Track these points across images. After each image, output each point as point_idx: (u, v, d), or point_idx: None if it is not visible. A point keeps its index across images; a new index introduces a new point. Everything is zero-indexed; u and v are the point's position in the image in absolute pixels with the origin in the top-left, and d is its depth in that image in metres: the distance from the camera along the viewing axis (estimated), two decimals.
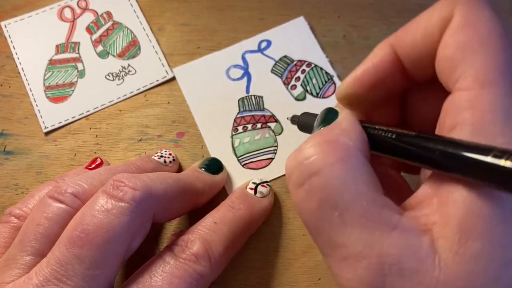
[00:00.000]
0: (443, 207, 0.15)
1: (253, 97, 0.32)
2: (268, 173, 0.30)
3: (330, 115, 0.19)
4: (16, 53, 0.34)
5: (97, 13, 0.36)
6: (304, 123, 0.25)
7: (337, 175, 0.16)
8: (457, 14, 0.17)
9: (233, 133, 0.31)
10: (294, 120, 0.27)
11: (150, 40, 0.35)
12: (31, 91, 0.33)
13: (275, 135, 0.31)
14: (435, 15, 0.17)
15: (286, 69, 0.33)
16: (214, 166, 0.29)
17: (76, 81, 0.33)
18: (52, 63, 0.34)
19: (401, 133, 0.17)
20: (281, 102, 0.32)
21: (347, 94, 0.20)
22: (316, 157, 0.17)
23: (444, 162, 0.15)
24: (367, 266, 0.15)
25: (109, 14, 0.36)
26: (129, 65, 0.34)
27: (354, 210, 0.15)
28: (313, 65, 0.33)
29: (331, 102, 0.32)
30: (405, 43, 0.18)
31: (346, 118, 0.19)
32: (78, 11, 0.36)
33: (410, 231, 0.15)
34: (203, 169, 0.28)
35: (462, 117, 0.15)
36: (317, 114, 0.21)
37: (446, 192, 0.15)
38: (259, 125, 0.31)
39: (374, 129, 0.19)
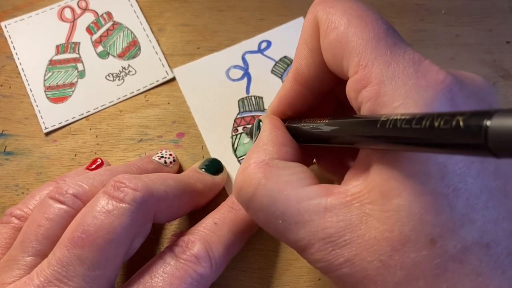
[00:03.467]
0: (366, 176, 0.17)
1: (253, 98, 0.33)
2: None
3: (259, 126, 0.24)
4: (16, 54, 0.34)
5: (97, 13, 0.36)
6: (252, 132, 0.29)
7: (265, 193, 0.19)
8: (319, 20, 0.20)
9: (233, 134, 0.31)
10: (247, 133, 0.31)
11: (150, 40, 0.35)
12: (31, 91, 0.33)
13: None
14: (307, 30, 0.20)
15: (286, 69, 0.33)
16: (214, 166, 0.29)
17: (76, 82, 0.33)
18: (52, 63, 0.34)
19: (319, 123, 0.20)
20: None
21: (273, 114, 0.24)
22: (245, 185, 0.20)
23: (347, 139, 0.18)
24: (318, 249, 0.17)
25: (109, 14, 0.36)
26: (129, 65, 0.34)
27: (290, 213, 0.18)
28: None
29: None
30: (302, 67, 0.21)
31: (265, 130, 0.22)
32: (78, 11, 0.36)
33: (339, 207, 0.17)
34: (203, 169, 0.28)
35: (361, 97, 0.17)
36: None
37: (367, 164, 0.17)
38: None
39: (299, 125, 0.22)
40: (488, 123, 0.10)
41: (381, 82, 0.16)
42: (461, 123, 0.11)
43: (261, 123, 0.23)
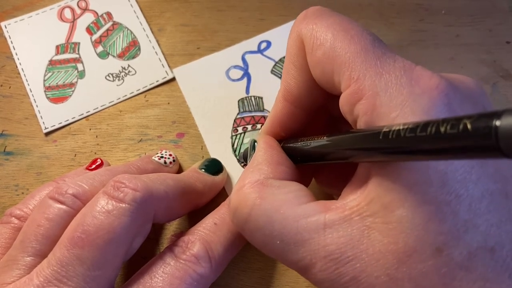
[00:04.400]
0: (364, 189, 0.17)
1: (253, 98, 0.33)
2: None
3: (254, 146, 0.23)
4: (16, 54, 0.34)
5: (97, 13, 0.36)
6: (246, 155, 0.29)
7: (261, 213, 0.18)
8: (304, 38, 0.19)
9: (233, 134, 0.31)
10: (240, 159, 0.31)
11: (150, 40, 0.35)
12: (31, 91, 0.33)
13: None
14: (293, 49, 0.20)
15: None
16: (214, 167, 0.29)
17: (76, 82, 0.33)
18: (52, 63, 0.34)
19: (316, 141, 0.20)
20: None
21: (268, 134, 0.24)
22: (240, 206, 0.19)
23: (347, 154, 0.18)
24: (321, 268, 0.17)
25: (109, 14, 0.36)
26: (129, 65, 0.34)
27: (288, 232, 0.18)
28: None
29: None
30: (291, 87, 0.21)
31: (259, 150, 0.22)
32: (78, 11, 0.36)
33: (339, 222, 0.17)
34: (203, 170, 0.28)
35: (356, 111, 0.17)
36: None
37: (365, 178, 0.17)
38: (259, 126, 0.32)
39: (296, 145, 0.22)
40: (498, 123, 0.10)
41: (376, 94, 0.16)
42: (468, 126, 0.11)
43: (256, 143, 0.23)
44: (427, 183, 0.15)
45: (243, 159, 0.30)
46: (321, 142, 0.20)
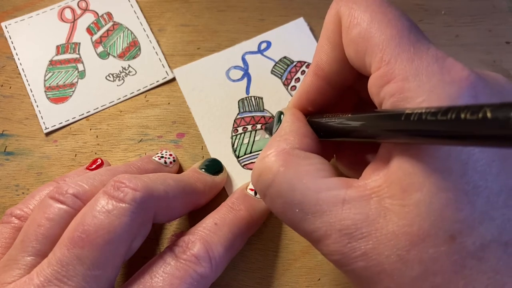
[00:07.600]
0: (386, 171, 0.17)
1: (253, 98, 0.33)
2: None
3: (280, 118, 0.24)
4: (17, 54, 0.34)
5: (97, 13, 0.36)
6: (271, 127, 0.29)
7: (284, 180, 0.19)
8: (342, 16, 0.20)
9: (233, 134, 0.31)
10: (267, 128, 0.31)
11: (150, 41, 0.35)
12: (31, 91, 0.33)
13: None
14: (329, 25, 0.21)
15: (286, 70, 0.33)
16: (214, 166, 0.29)
17: (77, 82, 0.34)
18: (52, 63, 0.34)
19: (341, 117, 0.20)
20: (281, 103, 0.32)
21: (295, 108, 0.24)
22: (265, 172, 0.20)
23: (370, 132, 0.18)
24: (334, 241, 0.17)
25: (109, 15, 0.36)
26: (129, 65, 0.34)
27: (308, 202, 0.18)
28: None
29: None
30: (323, 62, 0.21)
31: (287, 121, 0.22)
32: (78, 11, 0.36)
33: (358, 200, 0.17)
34: (203, 170, 0.28)
35: (383, 93, 0.17)
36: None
37: (387, 160, 0.17)
38: (259, 126, 0.32)
39: (320, 120, 0.22)
40: None
41: (405, 78, 0.16)
42: (488, 114, 0.11)
43: (282, 115, 0.23)
44: (447, 171, 0.15)
45: (268, 131, 0.30)
46: (345, 119, 0.20)
